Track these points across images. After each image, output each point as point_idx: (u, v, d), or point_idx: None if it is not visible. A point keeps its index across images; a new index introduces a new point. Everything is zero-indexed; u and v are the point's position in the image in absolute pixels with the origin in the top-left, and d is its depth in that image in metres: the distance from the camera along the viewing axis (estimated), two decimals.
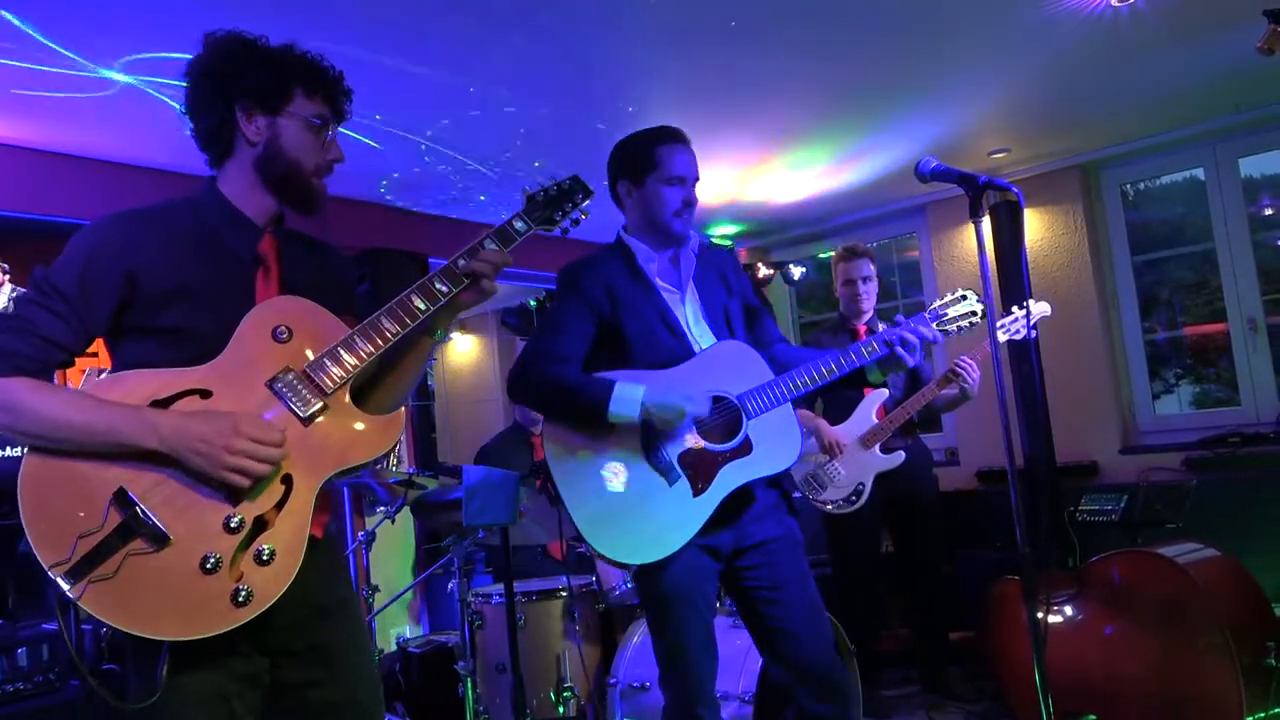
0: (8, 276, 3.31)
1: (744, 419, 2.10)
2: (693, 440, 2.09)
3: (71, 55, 2.76)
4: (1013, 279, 4.32)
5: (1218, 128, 4.42)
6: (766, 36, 3.09)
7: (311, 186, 1.63)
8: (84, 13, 2.55)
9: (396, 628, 4.42)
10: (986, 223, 1.91)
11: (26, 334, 1.44)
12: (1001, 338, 2.62)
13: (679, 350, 2.17)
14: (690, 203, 2.25)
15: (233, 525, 1.41)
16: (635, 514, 2.03)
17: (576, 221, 1.82)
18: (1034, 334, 2.48)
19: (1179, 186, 4.93)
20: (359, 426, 1.54)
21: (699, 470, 2.06)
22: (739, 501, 2.09)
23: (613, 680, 3.10)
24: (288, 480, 1.46)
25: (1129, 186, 4.97)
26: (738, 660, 2.84)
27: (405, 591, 4.06)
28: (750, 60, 3.27)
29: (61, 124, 3.24)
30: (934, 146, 4.29)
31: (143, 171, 3.69)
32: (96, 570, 1.34)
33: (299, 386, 1.50)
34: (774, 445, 2.13)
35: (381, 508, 3.78)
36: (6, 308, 3.26)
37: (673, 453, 2.07)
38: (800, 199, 5.08)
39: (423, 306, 1.59)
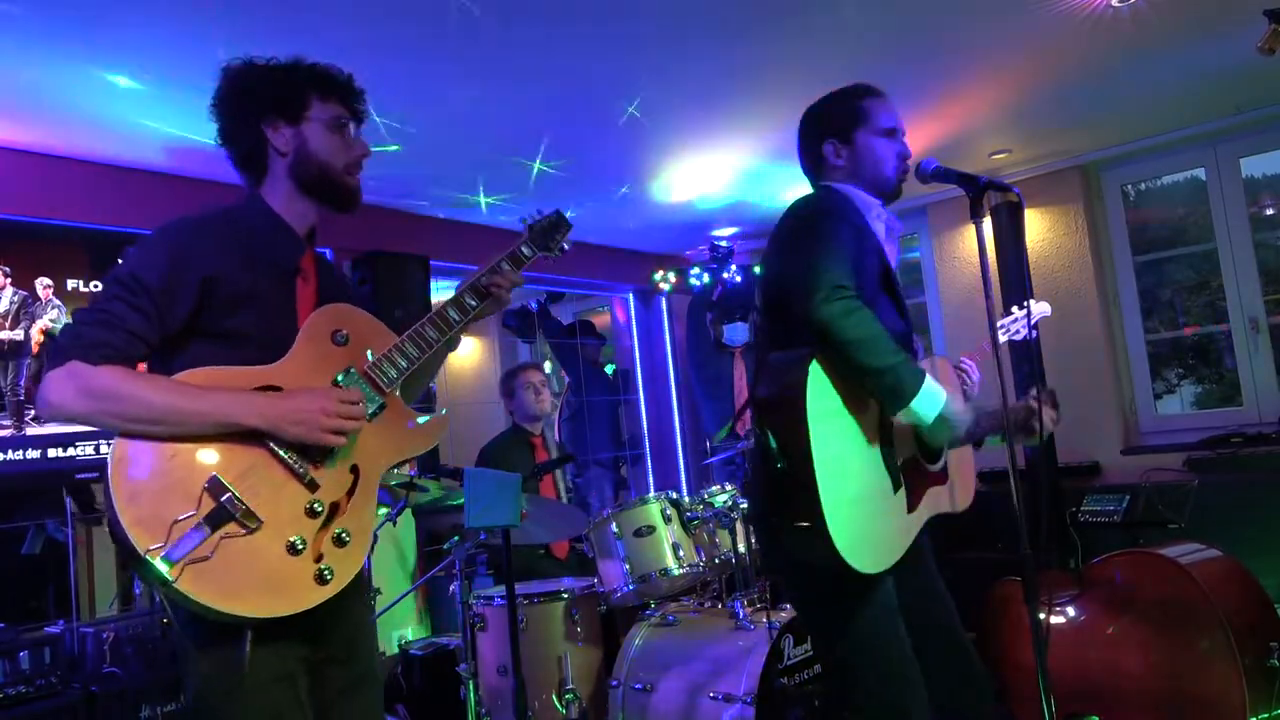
0: (9, 280, 3.31)
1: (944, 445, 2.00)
2: (915, 450, 1.95)
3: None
4: (1014, 280, 4.32)
5: (1218, 128, 4.42)
6: (766, 37, 3.09)
7: (346, 184, 1.76)
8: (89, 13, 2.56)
9: (398, 630, 4.42)
10: (987, 223, 1.90)
11: (115, 327, 1.49)
12: (1002, 338, 2.62)
13: (900, 328, 1.97)
14: (905, 155, 2.08)
15: (316, 510, 1.52)
16: (873, 511, 1.84)
17: (563, 250, 2.00)
18: (1034, 334, 2.46)
19: (1180, 187, 4.93)
20: (412, 423, 1.70)
21: (913, 484, 1.91)
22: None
23: (614, 682, 3.11)
24: (355, 470, 1.59)
25: (1130, 187, 4.97)
26: (739, 661, 2.84)
27: (407, 594, 4.06)
28: (750, 61, 3.27)
29: (63, 127, 3.24)
30: (934, 147, 4.29)
31: (144, 175, 3.69)
32: (193, 553, 1.41)
33: (362, 385, 1.63)
34: (962, 480, 2.04)
35: (383, 510, 3.78)
36: (22, 322, 3.26)
37: (898, 457, 1.91)
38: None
39: (456, 317, 1.78)
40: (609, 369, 6.60)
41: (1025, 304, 2.46)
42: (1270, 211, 4.63)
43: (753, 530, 3.29)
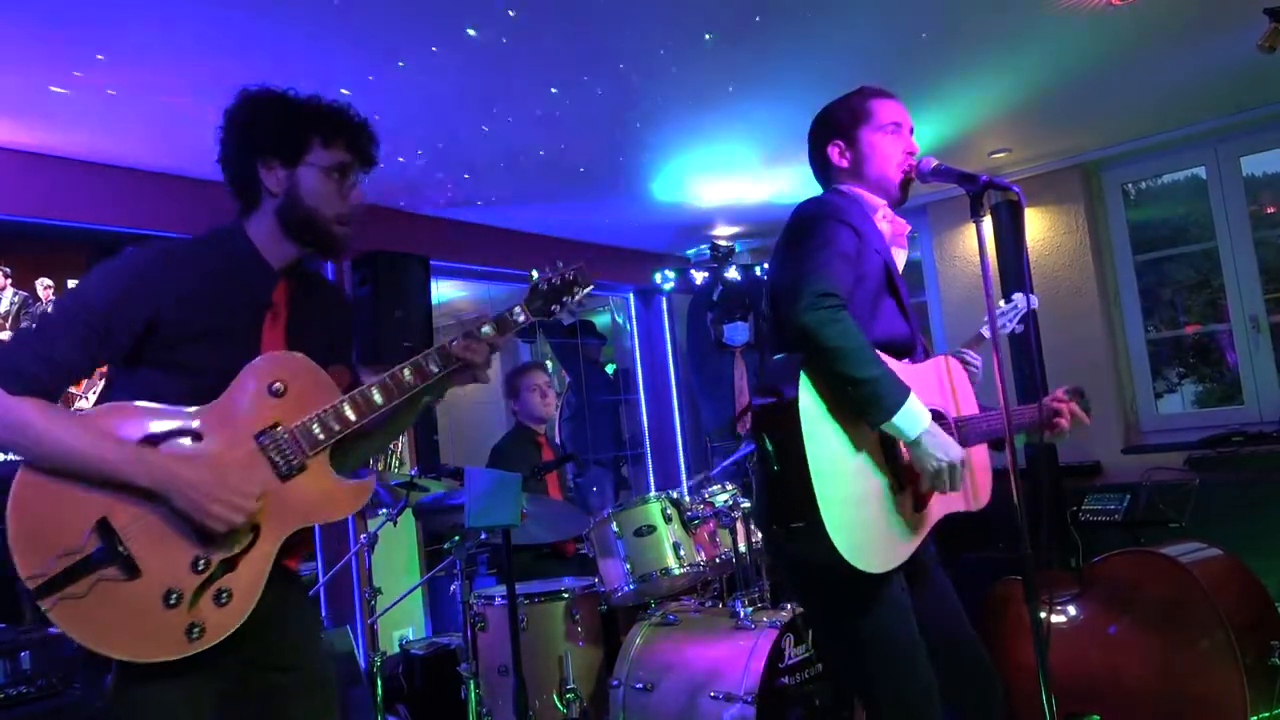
0: (9, 280, 3.31)
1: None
2: None
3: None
4: (1014, 279, 4.32)
5: (1219, 126, 4.41)
6: (765, 38, 3.09)
7: (332, 233, 1.72)
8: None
9: (399, 630, 4.42)
10: (988, 223, 1.90)
11: (45, 359, 1.50)
12: (989, 332, 2.63)
13: (902, 331, 1.97)
14: (912, 152, 2.04)
15: (199, 566, 1.52)
16: (871, 512, 1.82)
17: (573, 312, 1.90)
18: (1020, 328, 2.46)
19: (1180, 186, 4.92)
20: (331, 490, 1.64)
21: (919, 482, 1.88)
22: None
23: (615, 682, 3.10)
24: (255, 530, 1.57)
25: (1130, 186, 4.97)
26: (740, 660, 2.84)
27: (408, 594, 4.06)
28: (749, 61, 3.27)
29: (63, 127, 3.24)
30: (934, 147, 4.29)
31: (144, 175, 3.69)
32: (69, 589, 1.44)
33: (284, 445, 1.59)
34: (976, 477, 2.03)
35: (383, 510, 3.79)
36: (27, 323, 3.26)
37: (901, 459, 1.90)
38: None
39: (411, 381, 1.69)
40: (609, 368, 6.59)
41: (1012, 298, 2.45)
42: (1271, 210, 4.63)
43: (757, 531, 3.29)
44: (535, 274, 1.84)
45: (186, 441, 1.54)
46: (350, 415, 1.63)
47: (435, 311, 4.69)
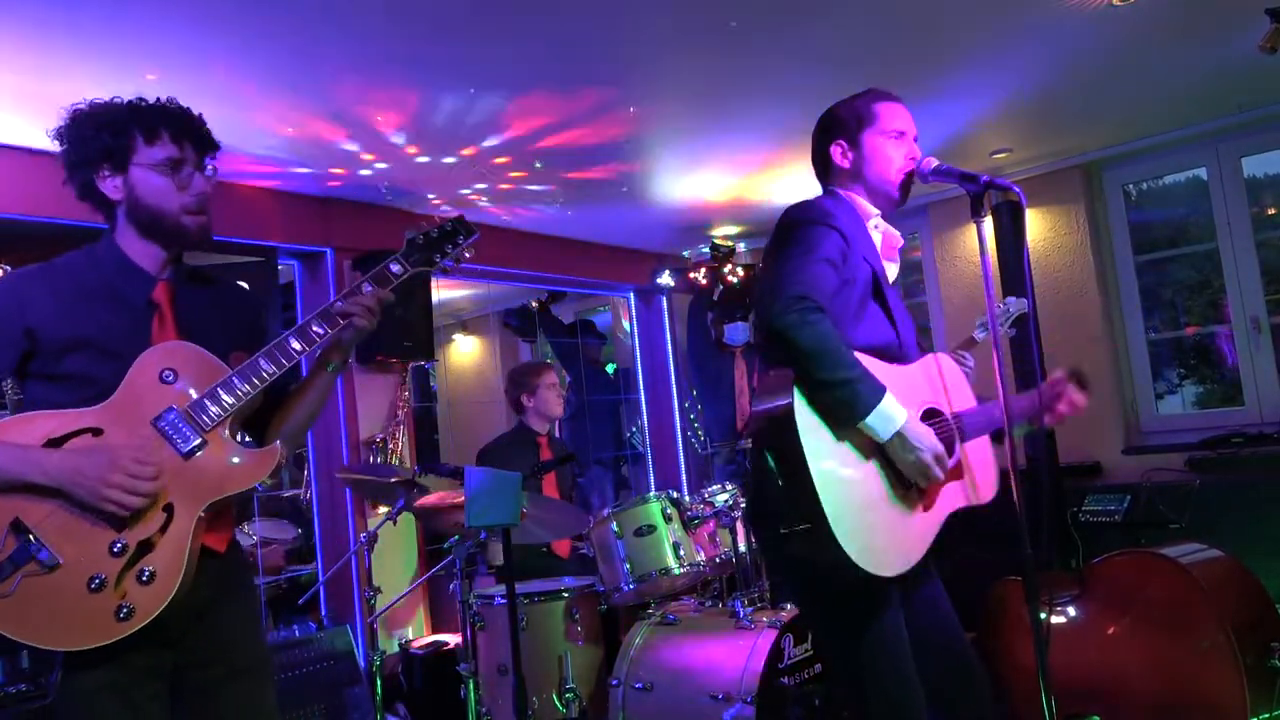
0: None
1: (956, 440, 1.98)
2: None
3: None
4: (1015, 279, 4.32)
5: (1220, 127, 4.41)
6: (767, 37, 3.09)
7: (183, 227, 1.75)
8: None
9: (399, 629, 4.42)
10: (988, 223, 1.90)
11: None
12: (980, 335, 2.64)
13: (888, 338, 1.97)
14: (913, 158, 2.04)
15: (117, 550, 1.57)
16: (880, 516, 1.82)
17: (459, 260, 1.92)
18: (1013, 331, 2.46)
19: (1181, 186, 4.92)
20: (235, 459, 1.69)
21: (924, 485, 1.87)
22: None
23: (615, 681, 3.11)
24: (169, 509, 1.62)
25: (1131, 186, 4.96)
26: (740, 660, 2.84)
27: (407, 593, 4.06)
28: (752, 61, 3.27)
29: None
30: (935, 147, 4.29)
31: None
32: None
33: (180, 425, 1.65)
34: (980, 474, 2.03)
35: (383, 509, 3.79)
36: None
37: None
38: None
39: (299, 347, 1.73)
40: (609, 368, 6.60)
41: (1004, 301, 2.46)
42: (1272, 211, 4.63)
43: (756, 540, 3.27)
44: (408, 232, 1.87)
45: (88, 439, 1.60)
46: (240, 386, 1.68)
47: (435, 311, 4.70)
